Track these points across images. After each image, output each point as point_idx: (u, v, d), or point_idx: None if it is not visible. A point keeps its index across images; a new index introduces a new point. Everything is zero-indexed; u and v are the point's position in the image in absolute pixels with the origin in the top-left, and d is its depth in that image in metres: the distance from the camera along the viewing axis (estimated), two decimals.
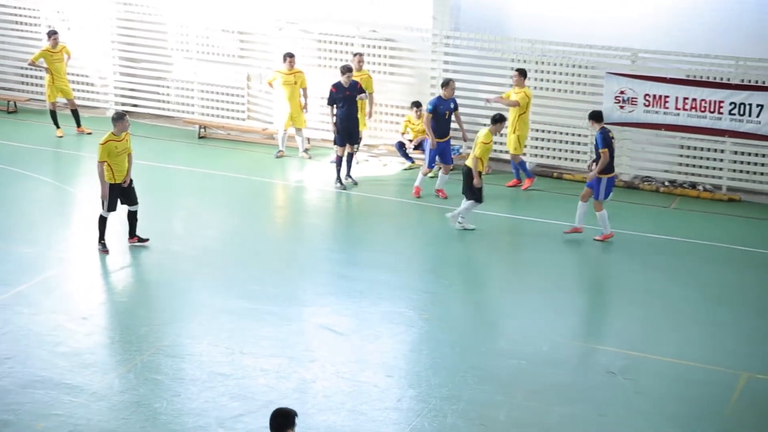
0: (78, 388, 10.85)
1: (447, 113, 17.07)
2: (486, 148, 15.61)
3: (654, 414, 10.57)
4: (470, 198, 15.74)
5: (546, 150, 19.07)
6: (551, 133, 18.96)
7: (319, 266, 14.47)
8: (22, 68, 22.37)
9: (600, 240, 15.45)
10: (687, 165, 18.25)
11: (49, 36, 20.60)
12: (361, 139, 18.85)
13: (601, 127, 15.50)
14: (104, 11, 21.59)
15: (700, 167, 18.17)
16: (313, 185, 18.22)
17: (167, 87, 21.68)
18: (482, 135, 15.64)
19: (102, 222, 14.55)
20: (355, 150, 18.10)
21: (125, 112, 15.13)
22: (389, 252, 15.15)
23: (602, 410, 10.60)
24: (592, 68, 18.44)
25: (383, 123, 19.89)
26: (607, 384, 11.16)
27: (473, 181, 15.53)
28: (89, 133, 20.70)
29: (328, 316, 12.74)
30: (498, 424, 10.34)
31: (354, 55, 18.98)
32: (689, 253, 15.23)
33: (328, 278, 14.00)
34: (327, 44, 20.07)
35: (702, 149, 18.09)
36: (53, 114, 20.54)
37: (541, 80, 18.81)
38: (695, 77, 17.74)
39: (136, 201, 14.76)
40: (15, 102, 22.32)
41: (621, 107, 18.14)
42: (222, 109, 21.23)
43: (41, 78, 21.63)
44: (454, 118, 17.32)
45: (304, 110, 19.44)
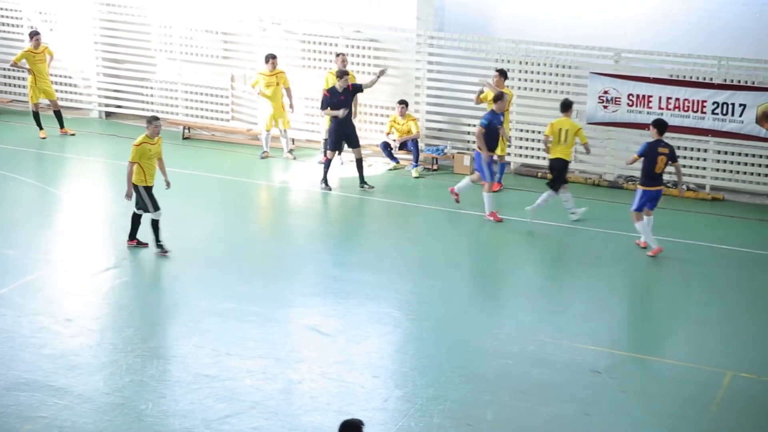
0: (63, 390, 10.81)
1: (499, 127, 16.44)
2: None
3: (639, 413, 10.61)
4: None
5: (530, 150, 19.11)
6: (535, 133, 19.00)
7: (306, 267, 14.46)
8: (4, 69, 22.26)
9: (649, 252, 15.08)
10: (671, 164, 18.28)
11: (31, 37, 20.51)
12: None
13: (657, 139, 14.97)
14: (87, 12, 21.51)
15: (684, 167, 18.20)
16: (299, 186, 18.21)
17: (151, 88, 21.62)
18: (573, 124, 16.26)
19: (155, 225, 14.46)
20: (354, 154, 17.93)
21: (158, 116, 14.92)
22: (375, 253, 15.16)
23: (588, 409, 10.64)
24: (576, 68, 18.49)
25: (368, 123, 19.88)
26: (593, 383, 11.20)
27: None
28: (72, 134, 20.63)
29: (315, 317, 12.74)
30: (484, 424, 10.36)
31: (337, 56, 18.96)
32: (673, 253, 15.29)
33: (315, 279, 13.99)
34: (311, 45, 20.06)
35: (685, 149, 18.17)
36: (36, 115, 20.45)
37: (525, 80, 18.86)
38: (678, 77, 17.83)
39: (158, 207, 14.65)
40: None
41: (605, 107, 18.20)
42: (206, 110, 21.18)
43: (24, 79, 21.53)
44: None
45: (290, 110, 19.41)
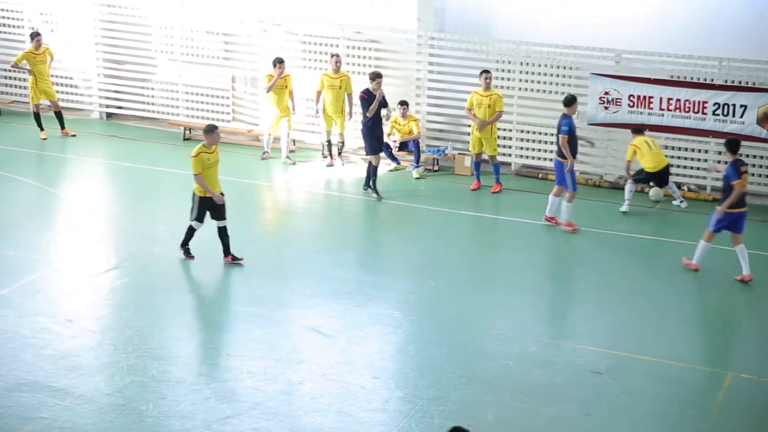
0: (63, 391, 10.81)
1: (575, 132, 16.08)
2: None
3: (640, 413, 10.61)
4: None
5: (531, 151, 19.11)
6: (536, 134, 19.00)
7: (306, 268, 14.46)
8: (5, 70, 22.26)
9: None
10: (671, 165, 18.29)
11: (32, 38, 20.52)
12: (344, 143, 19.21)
13: (735, 159, 14.32)
14: (88, 13, 21.52)
15: (685, 167, 18.25)
16: (300, 187, 18.21)
17: (152, 89, 21.62)
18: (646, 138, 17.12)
19: (191, 231, 14.30)
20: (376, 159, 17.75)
21: (216, 126, 14.46)
22: (376, 253, 15.16)
23: (589, 410, 10.63)
24: (577, 69, 18.49)
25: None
26: (594, 384, 11.20)
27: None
28: (73, 135, 20.64)
29: (316, 318, 12.73)
30: (485, 425, 10.36)
31: (331, 56, 18.94)
32: (674, 254, 15.28)
33: (315, 280, 13.99)
34: (312, 46, 20.06)
35: (686, 149, 18.17)
36: (37, 116, 20.46)
37: (526, 81, 18.85)
38: (679, 78, 17.82)
39: (225, 216, 14.29)
40: None
41: (605, 108, 18.20)
42: (207, 111, 21.19)
43: (24, 80, 21.54)
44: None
45: (293, 112, 19.41)
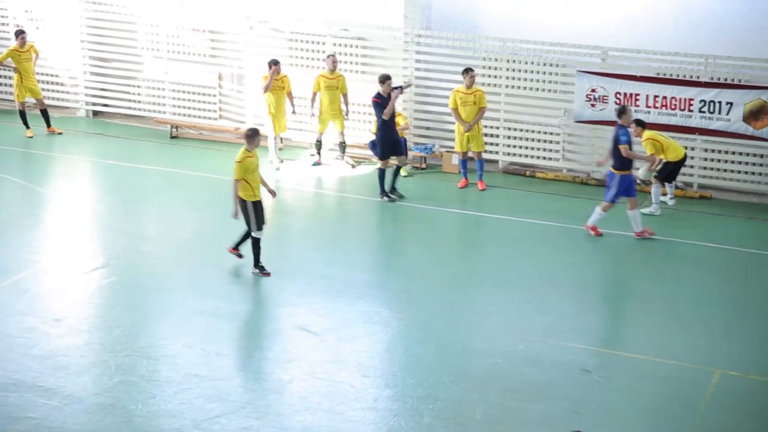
0: (52, 391, 10.76)
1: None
2: None
3: (629, 411, 10.64)
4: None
5: (518, 148, 19.13)
6: (523, 132, 19.03)
7: (295, 266, 14.44)
8: None
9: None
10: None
11: (17, 35, 20.41)
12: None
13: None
14: (73, 10, 21.42)
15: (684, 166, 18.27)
16: (288, 185, 18.17)
17: (138, 86, 21.55)
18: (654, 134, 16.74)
19: (256, 244, 13.84)
20: (405, 162, 17.66)
21: (258, 129, 14.22)
22: (365, 252, 15.15)
23: (578, 408, 10.66)
24: (563, 66, 18.51)
25: (355, 122, 19.85)
26: (583, 381, 11.22)
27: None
28: (60, 133, 20.55)
29: (305, 316, 12.72)
30: (474, 423, 10.37)
31: (328, 57, 18.90)
32: (662, 251, 15.35)
33: (305, 278, 13.97)
34: (298, 43, 20.03)
35: None
36: (22, 114, 20.36)
37: (513, 78, 18.86)
38: (665, 75, 17.87)
39: (262, 226, 14.08)
40: None
41: (592, 105, 18.24)
42: (194, 109, 21.13)
43: (9, 78, 21.42)
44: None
45: (294, 113, 19.13)
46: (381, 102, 17.06)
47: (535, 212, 16.79)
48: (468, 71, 17.79)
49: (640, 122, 16.71)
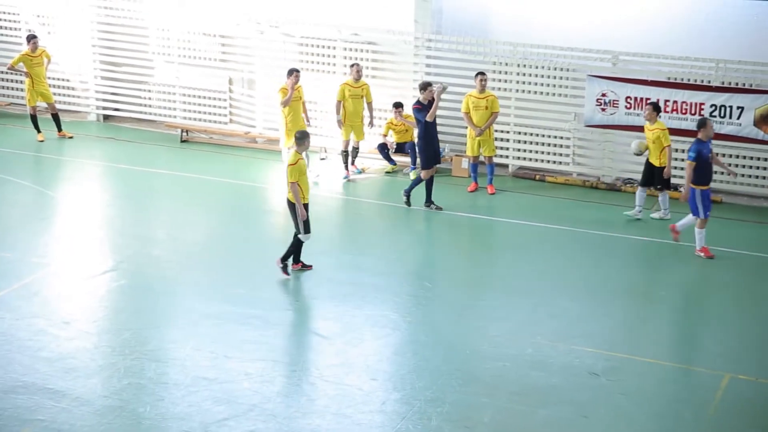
0: (60, 393, 10.80)
1: (710, 156, 15.09)
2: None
3: (637, 415, 10.61)
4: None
5: (528, 153, 19.12)
6: (533, 136, 19.01)
7: (303, 269, 14.44)
8: (2, 72, 22.24)
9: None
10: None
11: (29, 40, 20.51)
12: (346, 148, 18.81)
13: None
14: (85, 15, 21.51)
15: (682, 169, 18.22)
16: None
17: (149, 91, 21.62)
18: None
19: (299, 245, 14.00)
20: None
21: (308, 132, 14.35)
22: (373, 255, 15.14)
23: (586, 412, 10.63)
24: (574, 71, 18.50)
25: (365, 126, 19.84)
26: (591, 385, 11.20)
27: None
28: (71, 137, 20.63)
29: (313, 320, 12.74)
30: (482, 426, 10.36)
31: (351, 66, 18.61)
32: (671, 255, 15.30)
33: (312, 281, 13.98)
34: (309, 47, 20.06)
35: (683, 151, 18.13)
36: (34, 118, 20.44)
37: (523, 83, 18.86)
38: (676, 79, 17.83)
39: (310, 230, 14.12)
40: None
41: (602, 110, 18.21)
42: (204, 113, 21.18)
43: (21, 82, 21.52)
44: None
45: (307, 124, 18.45)
46: (422, 108, 16.67)
47: (545, 216, 16.76)
48: (479, 75, 17.79)
49: (657, 107, 16.62)
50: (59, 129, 20.69)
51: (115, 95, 21.88)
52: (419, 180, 16.99)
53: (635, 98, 17.92)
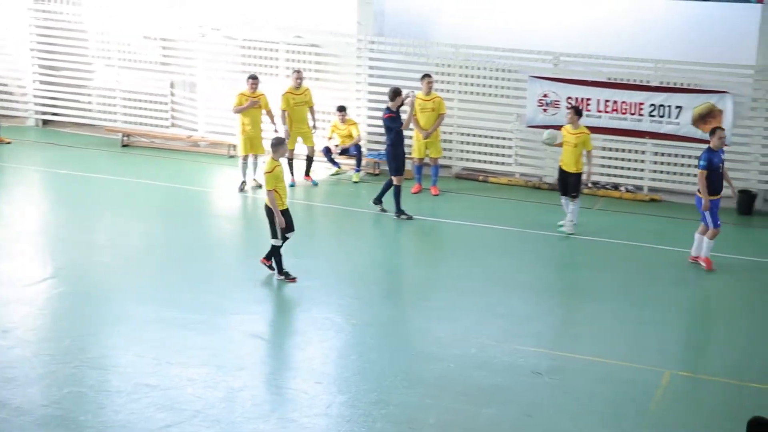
0: (0, 404, 10.60)
1: (721, 166, 14.66)
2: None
3: (581, 413, 10.69)
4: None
5: (471, 153, 19.21)
6: (476, 137, 19.11)
7: (247, 274, 14.35)
8: None
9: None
10: (609, 167, 18.54)
11: None
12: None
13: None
14: (22, 18, 21.19)
15: (623, 168, 18.47)
16: (241, 193, 18.06)
17: (89, 95, 21.37)
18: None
19: (277, 251, 13.84)
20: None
21: (283, 138, 14.28)
22: (318, 258, 15.10)
23: (530, 411, 10.69)
24: (516, 72, 18.64)
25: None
26: (534, 384, 11.27)
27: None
28: (9, 143, 20.31)
29: (257, 324, 12.66)
30: (427, 428, 10.37)
31: (294, 72, 18.32)
32: (613, 254, 15.47)
33: (257, 285, 13.91)
34: (251, 50, 19.97)
35: (624, 150, 18.39)
36: None
37: (466, 84, 18.95)
38: (616, 80, 18.04)
39: (293, 227, 14.07)
40: None
41: (544, 110, 18.37)
42: (145, 117, 20.99)
43: None
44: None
45: (276, 132, 17.82)
46: (395, 117, 16.48)
47: (489, 217, 16.86)
48: (425, 77, 17.82)
49: (579, 111, 16.10)
50: None
51: (55, 100, 21.60)
52: (389, 185, 16.74)
53: (576, 98, 18.09)
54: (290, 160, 18.39)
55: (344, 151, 19.17)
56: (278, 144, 13.87)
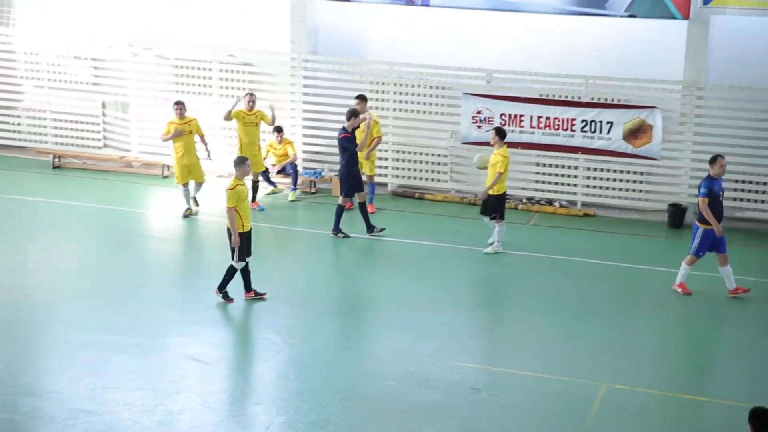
0: None
1: (721, 194, 14.25)
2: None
3: (518, 428, 10.76)
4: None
5: (407, 171, 19.29)
6: (412, 154, 19.20)
7: (183, 295, 14.23)
8: None
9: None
10: (543, 182, 18.76)
11: None
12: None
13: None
14: None
15: (556, 184, 18.70)
16: (174, 213, 17.91)
17: (18, 116, 21.03)
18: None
19: (232, 272, 13.60)
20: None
21: (247, 157, 14.02)
22: (254, 278, 14.99)
23: (469, 427, 10.73)
24: (450, 89, 18.78)
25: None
26: (473, 400, 11.31)
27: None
28: None
29: (194, 346, 12.52)
30: None
31: (246, 94, 17.95)
32: (548, 268, 15.63)
33: (193, 307, 13.77)
34: (184, 69, 19.84)
35: (557, 166, 18.62)
36: None
37: (400, 102, 19.05)
38: (548, 96, 18.28)
39: (251, 251, 13.80)
40: None
41: (478, 127, 18.53)
42: (77, 138, 20.72)
43: None
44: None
45: (209, 159, 17.79)
46: (351, 138, 16.41)
47: (425, 234, 16.94)
48: (359, 98, 17.55)
49: (501, 132, 15.91)
50: None
51: None
52: (341, 210, 16.68)
53: (510, 115, 18.29)
54: (255, 183, 18.03)
55: (280, 170, 19.13)
56: (240, 163, 13.64)
